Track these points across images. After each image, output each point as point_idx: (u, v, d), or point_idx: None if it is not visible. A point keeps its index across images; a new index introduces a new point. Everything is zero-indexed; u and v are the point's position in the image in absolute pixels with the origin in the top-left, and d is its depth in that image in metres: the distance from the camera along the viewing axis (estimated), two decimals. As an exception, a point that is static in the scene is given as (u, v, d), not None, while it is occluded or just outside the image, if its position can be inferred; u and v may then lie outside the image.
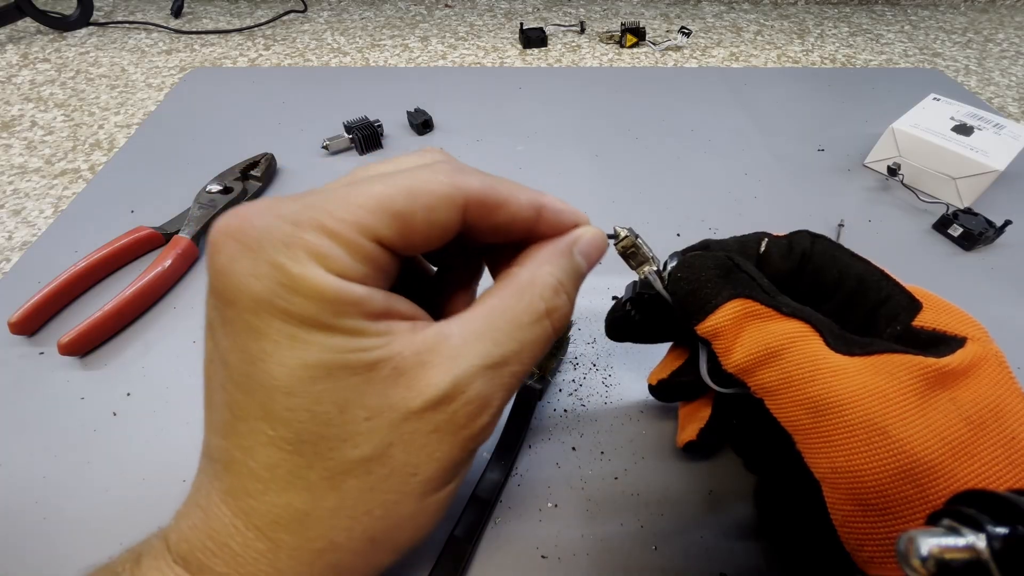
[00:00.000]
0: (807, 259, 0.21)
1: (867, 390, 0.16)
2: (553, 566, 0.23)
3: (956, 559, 0.11)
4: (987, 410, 0.15)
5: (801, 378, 0.17)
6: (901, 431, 0.15)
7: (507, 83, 0.56)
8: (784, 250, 0.21)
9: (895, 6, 0.79)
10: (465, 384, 0.14)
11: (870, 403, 0.16)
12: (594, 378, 0.30)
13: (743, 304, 0.18)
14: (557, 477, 0.26)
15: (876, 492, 0.15)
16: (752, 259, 0.21)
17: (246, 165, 0.42)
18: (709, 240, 0.23)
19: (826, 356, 0.17)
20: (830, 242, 0.21)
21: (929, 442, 0.15)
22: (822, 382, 0.16)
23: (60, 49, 0.63)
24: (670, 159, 0.46)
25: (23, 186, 0.43)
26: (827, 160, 0.46)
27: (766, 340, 0.17)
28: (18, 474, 0.26)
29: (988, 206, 0.40)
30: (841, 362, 0.17)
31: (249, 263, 0.12)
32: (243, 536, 0.14)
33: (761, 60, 0.64)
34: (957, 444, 0.15)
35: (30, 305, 0.31)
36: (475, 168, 0.16)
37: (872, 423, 0.16)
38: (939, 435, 0.15)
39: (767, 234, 0.22)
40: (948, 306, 0.18)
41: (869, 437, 0.15)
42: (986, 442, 0.15)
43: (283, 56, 0.63)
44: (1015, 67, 0.64)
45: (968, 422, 0.15)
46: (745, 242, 0.22)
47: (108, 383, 0.29)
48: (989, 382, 0.16)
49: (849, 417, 0.16)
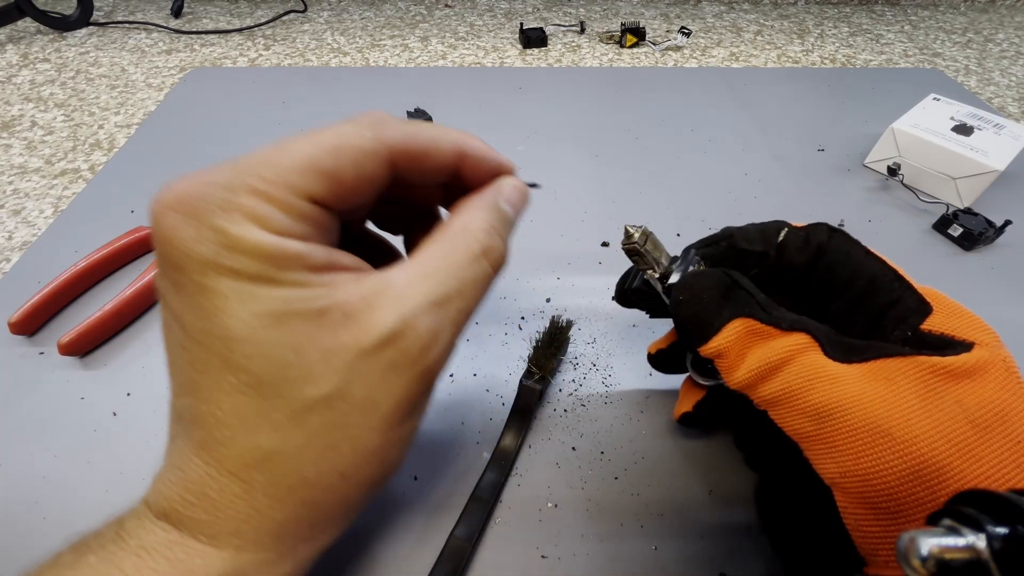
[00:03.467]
0: (822, 253, 0.21)
1: (868, 394, 0.16)
2: (553, 566, 0.23)
3: (956, 559, 0.11)
4: (992, 413, 0.15)
5: (801, 387, 0.17)
6: (905, 431, 0.15)
7: (507, 83, 0.56)
8: (801, 242, 0.21)
9: (895, 6, 0.79)
10: (412, 320, 0.15)
11: (872, 406, 0.16)
12: (594, 378, 0.30)
13: (744, 324, 0.19)
14: (557, 477, 0.26)
15: (886, 495, 0.15)
16: (771, 247, 0.22)
17: (246, 165, 0.42)
18: (730, 228, 0.24)
19: (825, 365, 0.17)
20: (846, 238, 0.21)
21: (936, 442, 0.15)
22: (822, 389, 0.17)
23: (60, 49, 0.63)
24: (670, 159, 0.46)
25: (23, 186, 0.44)
26: (827, 160, 0.46)
27: (767, 356, 0.18)
28: (18, 474, 0.26)
29: (988, 206, 0.40)
30: (840, 370, 0.17)
31: (192, 230, 0.13)
32: (218, 482, 0.14)
33: (761, 60, 0.64)
34: (963, 444, 0.15)
35: (30, 305, 0.31)
36: (399, 118, 0.17)
37: (875, 425, 0.16)
38: (945, 435, 0.15)
39: (787, 223, 0.22)
40: (959, 310, 0.18)
41: (873, 440, 0.16)
42: (992, 444, 0.15)
43: (283, 56, 0.63)
44: (1015, 67, 0.64)
45: (973, 424, 0.15)
46: (765, 231, 0.22)
47: (108, 383, 0.29)
48: (995, 385, 0.16)
49: (852, 421, 0.16)
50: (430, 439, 0.27)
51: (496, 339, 0.32)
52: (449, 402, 0.29)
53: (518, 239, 0.38)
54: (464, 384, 0.30)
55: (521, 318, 0.33)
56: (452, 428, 0.28)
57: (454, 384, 0.30)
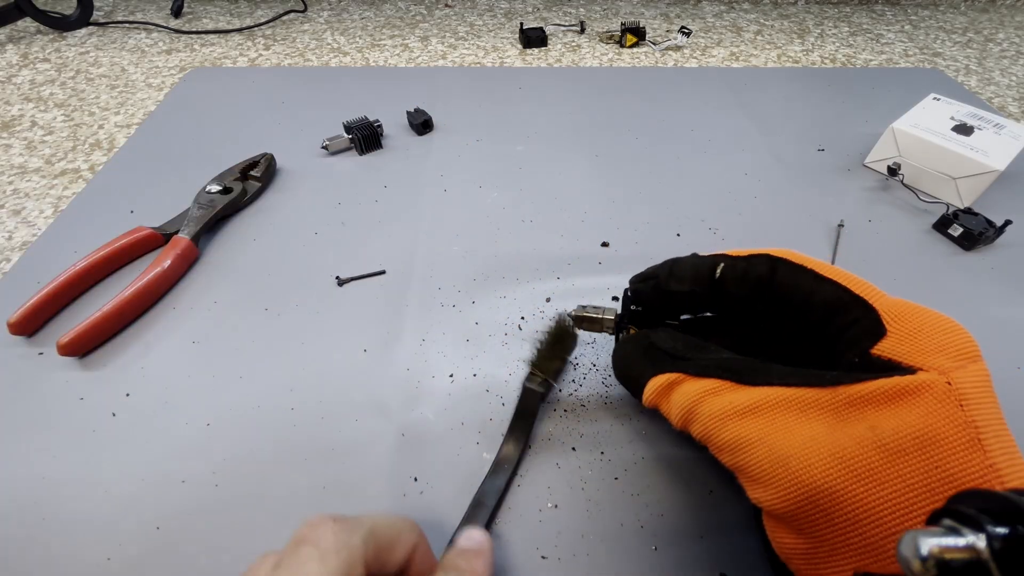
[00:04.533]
0: (767, 285, 0.21)
1: (774, 426, 0.17)
2: (553, 566, 0.23)
3: (956, 559, 0.11)
4: (910, 438, 0.15)
5: (715, 428, 0.19)
6: (801, 460, 0.16)
7: (507, 83, 0.56)
8: (739, 276, 0.22)
9: (895, 6, 0.79)
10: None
11: (774, 438, 0.17)
12: (594, 378, 0.30)
13: (660, 379, 0.21)
14: (557, 477, 0.26)
15: (790, 516, 0.17)
16: (703, 285, 0.23)
17: (246, 165, 0.42)
18: (667, 263, 0.24)
19: (733, 402, 0.18)
20: (792, 267, 0.21)
21: (831, 469, 0.16)
22: (731, 428, 0.18)
23: (60, 49, 0.63)
24: (670, 159, 0.46)
25: (23, 186, 0.43)
26: (827, 160, 0.46)
27: (682, 402, 0.20)
28: (18, 474, 0.26)
29: (988, 206, 0.40)
30: (753, 400, 0.18)
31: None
32: None
33: (761, 60, 0.64)
34: (864, 470, 0.15)
35: (29, 305, 0.31)
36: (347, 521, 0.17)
37: (776, 456, 0.17)
38: (843, 462, 0.16)
39: (725, 257, 0.23)
40: (920, 331, 0.18)
41: (775, 470, 0.17)
42: (901, 470, 0.15)
43: (283, 56, 0.63)
44: (1015, 67, 0.64)
45: (882, 449, 0.15)
46: (697, 268, 0.23)
47: (107, 383, 0.29)
48: (921, 412, 0.16)
49: (758, 453, 0.17)
50: (430, 439, 0.27)
51: (496, 339, 0.32)
52: (449, 402, 0.29)
53: (518, 239, 0.38)
54: (464, 384, 0.30)
55: (521, 318, 0.33)
56: (452, 428, 0.28)
57: (454, 384, 0.30)
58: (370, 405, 0.29)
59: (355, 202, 0.41)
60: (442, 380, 0.30)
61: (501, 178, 0.44)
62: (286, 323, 0.33)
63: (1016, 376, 0.30)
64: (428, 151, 0.46)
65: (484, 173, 0.44)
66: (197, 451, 0.27)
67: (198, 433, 0.27)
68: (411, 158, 0.46)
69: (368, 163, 0.45)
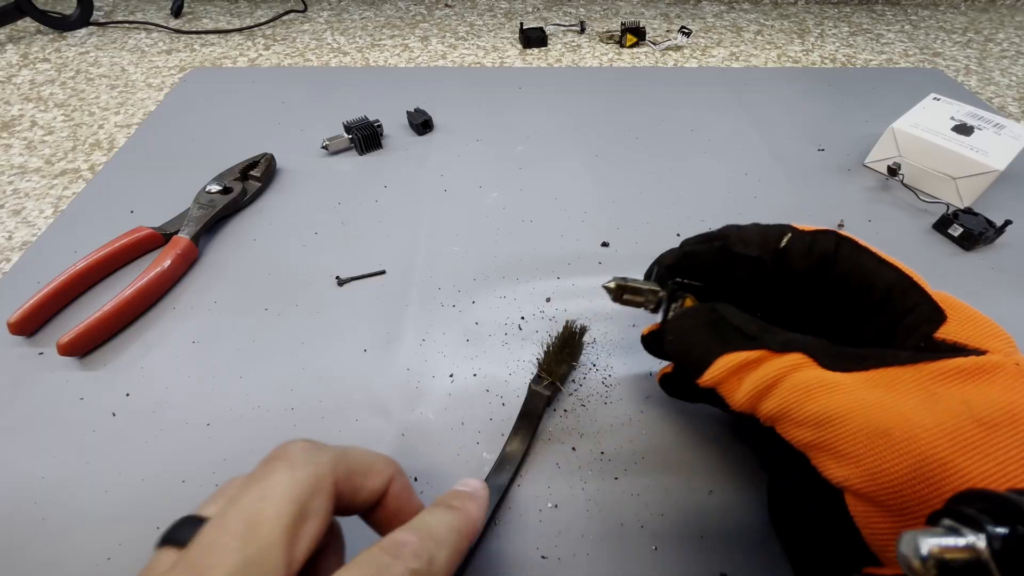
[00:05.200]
0: (830, 262, 0.21)
1: (866, 399, 0.17)
2: (553, 566, 0.23)
3: (956, 559, 0.11)
4: (1001, 413, 0.15)
5: (798, 400, 0.18)
6: (905, 431, 0.16)
7: (507, 83, 0.56)
8: (805, 249, 0.21)
9: (895, 6, 0.79)
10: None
11: (869, 410, 0.16)
12: (594, 378, 0.30)
13: (732, 358, 0.19)
14: (557, 477, 0.26)
15: (891, 493, 0.16)
16: (769, 253, 0.22)
17: (246, 165, 0.42)
18: (731, 227, 0.23)
19: (820, 377, 0.18)
20: (855, 247, 0.21)
21: (937, 439, 0.15)
22: (819, 400, 0.17)
23: (60, 49, 0.63)
24: (670, 159, 0.46)
25: (23, 186, 0.43)
26: (827, 160, 0.46)
27: (760, 378, 0.19)
28: (18, 474, 0.26)
29: (988, 206, 0.40)
30: (837, 379, 0.17)
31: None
32: None
33: (761, 60, 0.64)
34: (967, 442, 0.15)
35: (29, 305, 0.31)
36: (319, 445, 0.17)
37: (874, 427, 0.16)
38: (947, 432, 0.15)
39: (791, 228, 0.22)
40: (975, 317, 0.18)
41: (873, 441, 0.16)
42: (998, 441, 0.15)
43: (283, 56, 0.63)
44: (1015, 67, 0.64)
45: (979, 422, 0.15)
46: (766, 234, 0.22)
47: (107, 383, 0.29)
48: (1004, 387, 0.16)
49: (851, 426, 0.16)
50: (430, 439, 0.27)
51: (496, 339, 0.32)
52: (449, 402, 0.29)
53: (518, 239, 0.38)
54: (464, 384, 0.30)
55: (521, 318, 0.33)
56: (452, 428, 0.28)
57: (454, 384, 0.30)
58: (370, 405, 0.29)
59: (355, 202, 0.41)
60: (442, 380, 0.30)
61: (501, 178, 0.44)
62: (286, 323, 0.33)
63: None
64: (428, 151, 0.46)
65: (484, 173, 0.44)
66: (197, 451, 0.27)
67: (198, 433, 0.27)
68: (411, 158, 0.46)
69: (368, 163, 0.45)
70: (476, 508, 0.19)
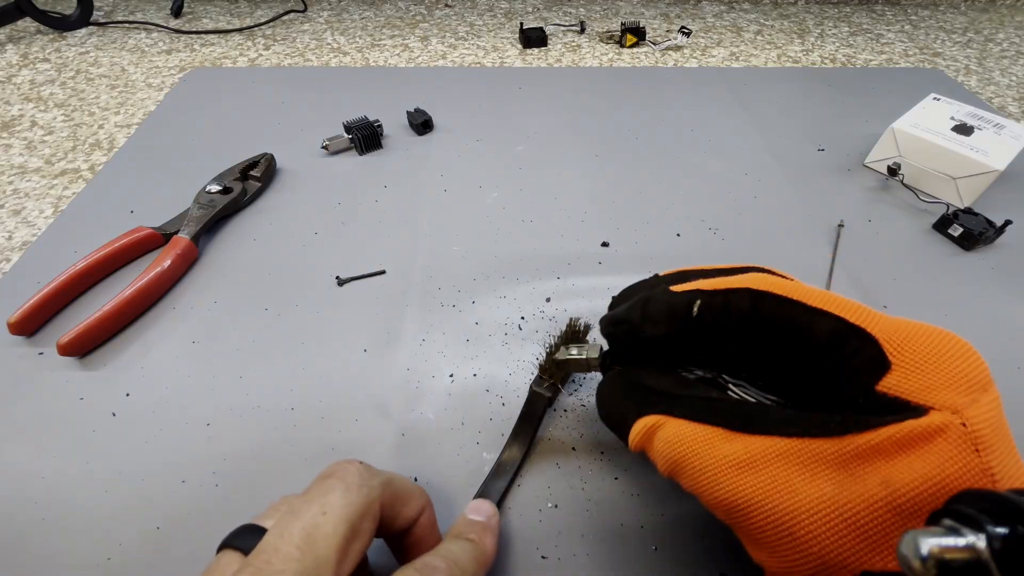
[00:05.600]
0: (751, 320, 0.19)
1: (774, 486, 0.16)
2: (553, 566, 0.23)
3: (956, 559, 0.11)
4: (926, 494, 0.14)
5: (707, 485, 0.17)
6: (809, 530, 0.15)
7: (507, 83, 0.56)
8: (718, 314, 0.19)
9: (895, 6, 0.79)
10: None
11: (775, 502, 0.16)
12: (594, 378, 0.30)
13: (646, 420, 0.19)
14: (557, 477, 0.26)
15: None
16: (679, 323, 0.20)
17: (246, 165, 0.42)
18: (633, 308, 0.21)
19: (725, 455, 0.17)
20: (778, 300, 0.18)
21: (843, 537, 0.14)
22: (726, 486, 0.17)
23: (60, 49, 0.63)
24: (670, 159, 0.46)
25: (23, 186, 0.43)
26: (827, 160, 0.46)
27: (667, 452, 0.18)
28: (18, 474, 0.26)
29: (988, 206, 0.40)
30: (748, 456, 0.16)
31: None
32: None
33: (761, 60, 0.64)
34: (877, 536, 0.14)
35: (29, 305, 0.31)
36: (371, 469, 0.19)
37: (778, 524, 0.15)
38: (856, 527, 0.14)
39: (701, 293, 0.20)
40: (926, 361, 0.16)
41: (779, 538, 0.16)
42: None
43: (283, 56, 0.63)
44: (1015, 67, 0.64)
45: (895, 510, 0.14)
46: (673, 308, 0.20)
47: (107, 383, 0.29)
48: (936, 461, 0.14)
49: (757, 519, 0.16)
50: (430, 439, 0.27)
51: (496, 339, 0.32)
52: (449, 402, 0.29)
53: (518, 239, 0.38)
54: (464, 384, 0.30)
55: (521, 318, 0.33)
56: (452, 428, 0.28)
57: (454, 384, 0.30)
58: (370, 405, 0.29)
59: (355, 202, 0.41)
60: (442, 380, 0.30)
61: (501, 178, 0.44)
62: (286, 323, 0.33)
63: (1016, 376, 0.30)
64: (428, 151, 0.46)
65: (484, 173, 0.44)
66: (197, 451, 0.27)
67: (198, 433, 0.27)
68: (411, 158, 0.46)
69: (368, 163, 0.45)
70: (492, 542, 0.21)
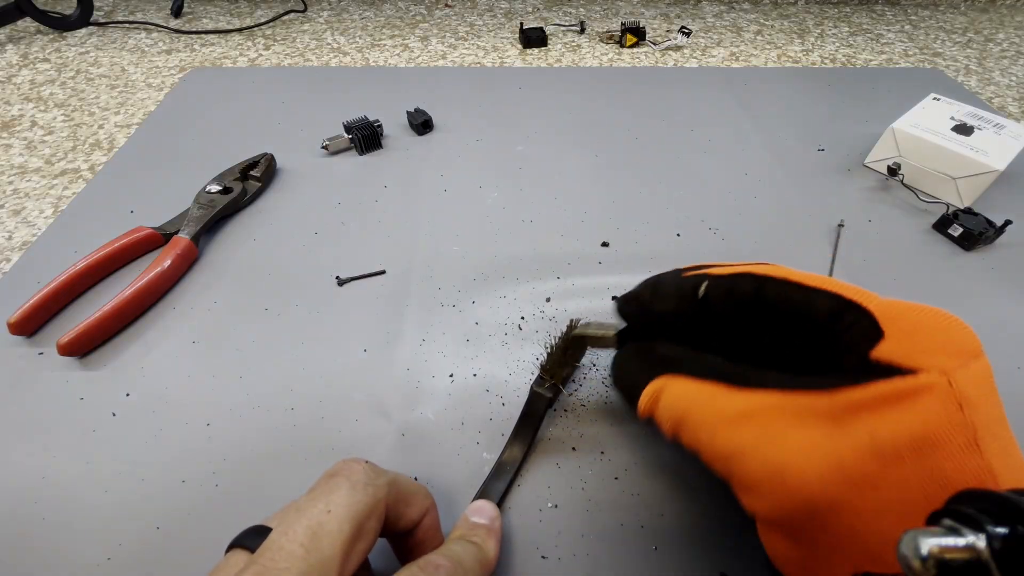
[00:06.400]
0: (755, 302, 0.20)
1: (768, 436, 0.17)
2: (553, 566, 0.23)
3: (956, 559, 0.11)
4: (906, 444, 0.15)
5: (706, 436, 0.19)
6: (798, 474, 0.16)
7: (507, 83, 0.56)
8: (723, 295, 0.21)
9: (895, 6, 0.79)
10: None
11: (768, 449, 0.17)
12: (594, 378, 0.30)
13: (655, 384, 0.21)
14: (557, 477, 0.26)
15: (787, 527, 0.17)
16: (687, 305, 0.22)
17: (246, 165, 0.42)
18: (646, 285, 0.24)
19: (724, 408, 0.18)
20: (779, 283, 0.20)
21: (828, 480, 0.15)
22: (723, 436, 0.18)
23: (60, 49, 0.63)
24: (670, 159, 0.46)
25: (23, 186, 0.43)
26: (827, 160, 0.46)
27: (672, 408, 0.20)
28: (17, 474, 0.26)
29: (988, 206, 0.40)
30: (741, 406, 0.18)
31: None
32: None
33: (761, 60, 0.64)
34: (860, 479, 0.15)
35: (29, 305, 0.31)
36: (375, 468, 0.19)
37: (771, 468, 0.17)
38: (842, 472, 0.15)
39: (708, 276, 0.22)
40: (916, 330, 0.17)
41: (770, 482, 0.17)
42: (898, 476, 0.15)
43: (283, 56, 0.63)
44: (1015, 67, 0.64)
45: (879, 456, 0.15)
46: (681, 288, 0.22)
47: (107, 383, 0.29)
48: (920, 415, 0.15)
49: (751, 464, 0.17)
50: (430, 439, 0.27)
51: (496, 339, 0.32)
52: (449, 402, 0.29)
53: (518, 239, 0.38)
54: (464, 384, 0.30)
55: (521, 318, 0.33)
56: (452, 428, 0.28)
57: (454, 384, 0.30)
58: (370, 405, 0.29)
59: (355, 202, 0.41)
60: (442, 380, 0.30)
61: (501, 178, 0.44)
62: (286, 323, 0.33)
63: (1016, 376, 0.30)
64: (428, 151, 0.46)
65: (484, 173, 0.44)
66: (197, 451, 0.27)
67: (198, 433, 0.27)
68: (411, 158, 0.46)
69: (368, 163, 0.45)
70: (495, 546, 0.21)
